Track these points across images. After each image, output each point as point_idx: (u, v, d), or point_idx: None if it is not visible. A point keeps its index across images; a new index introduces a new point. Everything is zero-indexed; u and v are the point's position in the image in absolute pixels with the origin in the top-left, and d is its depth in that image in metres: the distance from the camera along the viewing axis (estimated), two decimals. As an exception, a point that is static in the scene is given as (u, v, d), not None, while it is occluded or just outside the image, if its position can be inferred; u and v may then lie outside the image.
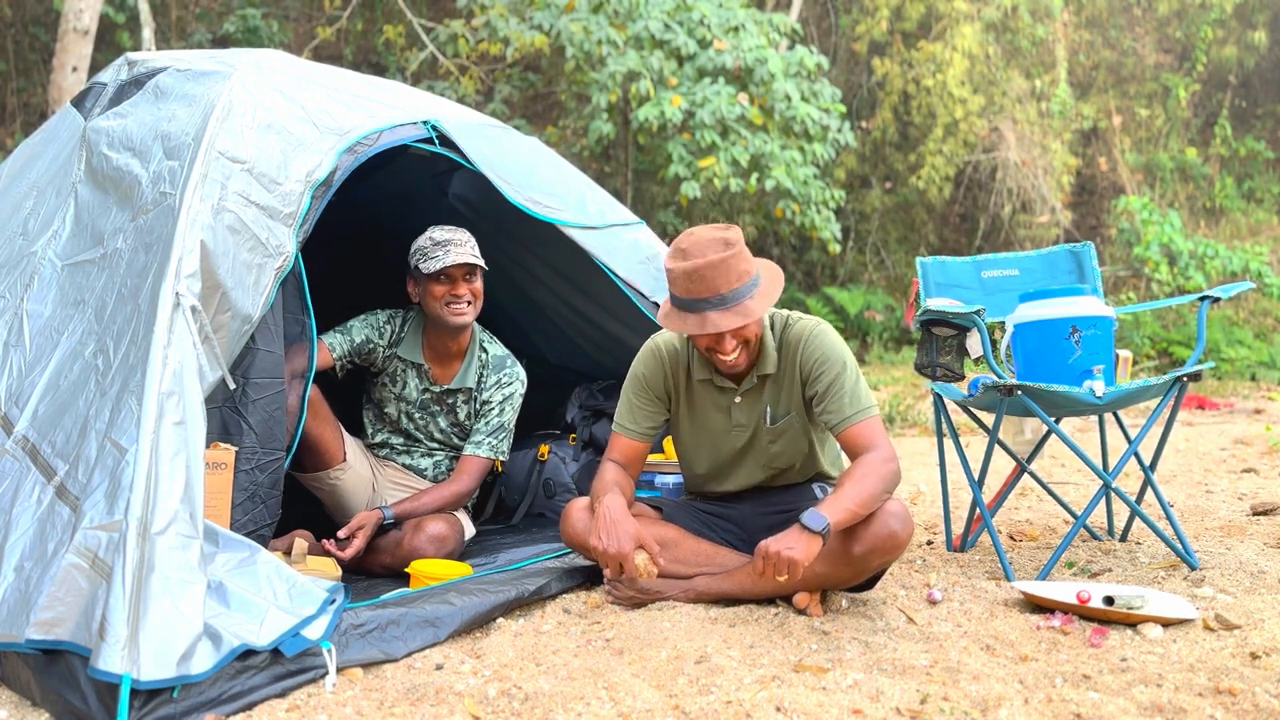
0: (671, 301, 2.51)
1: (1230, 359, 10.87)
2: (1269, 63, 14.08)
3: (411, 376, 3.25)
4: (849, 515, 2.35)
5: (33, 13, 11.22)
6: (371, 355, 3.23)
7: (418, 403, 3.27)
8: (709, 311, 2.42)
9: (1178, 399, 2.99)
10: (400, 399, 3.28)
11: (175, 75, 2.79)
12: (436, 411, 3.29)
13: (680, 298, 2.46)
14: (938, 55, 12.13)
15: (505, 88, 11.29)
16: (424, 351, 3.23)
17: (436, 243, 3.08)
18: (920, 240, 13.52)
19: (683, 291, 2.44)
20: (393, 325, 3.26)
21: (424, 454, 3.34)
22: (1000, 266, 3.56)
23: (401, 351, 3.23)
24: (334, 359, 3.14)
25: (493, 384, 3.24)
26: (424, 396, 3.27)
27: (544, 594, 2.65)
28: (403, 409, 3.30)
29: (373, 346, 3.22)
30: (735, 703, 1.93)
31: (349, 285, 3.74)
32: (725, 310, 2.42)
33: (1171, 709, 1.92)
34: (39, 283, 2.55)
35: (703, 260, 2.40)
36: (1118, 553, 3.20)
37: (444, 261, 3.04)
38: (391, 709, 1.93)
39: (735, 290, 2.42)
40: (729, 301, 2.42)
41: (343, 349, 3.16)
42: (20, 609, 2.00)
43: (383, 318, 3.26)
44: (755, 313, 2.43)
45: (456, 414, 3.28)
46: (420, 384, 3.25)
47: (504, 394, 3.24)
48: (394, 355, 3.25)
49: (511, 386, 3.25)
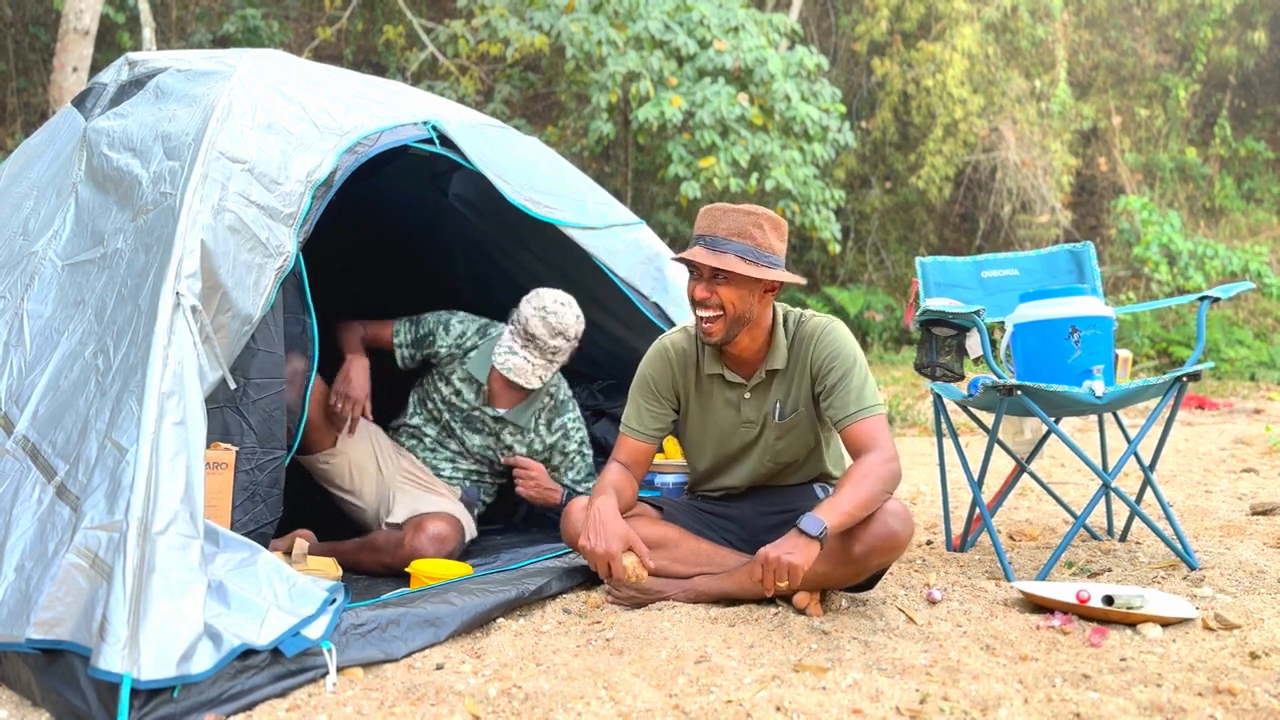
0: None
1: (1230, 359, 10.87)
2: (1269, 63, 14.09)
3: (468, 390, 3.27)
4: (846, 518, 2.35)
5: (33, 13, 11.22)
6: (431, 348, 3.27)
7: (464, 415, 3.29)
8: (698, 246, 2.56)
9: (1177, 399, 2.99)
10: (448, 403, 3.30)
11: (176, 75, 2.79)
12: (480, 429, 3.31)
13: (694, 234, 2.61)
14: (937, 55, 12.13)
15: (505, 88, 11.29)
16: (494, 372, 3.25)
17: (521, 332, 3.13)
18: (920, 240, 13.52)
19: (695, 227, 2.60)
20: (468, 328, 3.28)
21: (447, 458, 3.35)
22: (1000, 266, 3.56)
23: (470, 361, 3.26)
24: (394, 344, 3.22)
25: (558, 429, 3.30)
26: (473, 413, 3.29)
27: (544, 594, 2.65)
28: (446, 408, 3.31)
29: (434, 340, 3.26)
30: (735, 702, 1.93)
31: (348, 286, 3.75)
32: (709, 250, 2.52)
33: (1171, 709, 1.92)
34: (39, 283, 2.55)
35: (725, 206, 2.55)
36: (1117, 553, 3.21)
37: (503, 366, 3.11)
38: (392, 709, 1.93)
39: (729, 240, 2.51)
40: (718, 245, 2.52)
41: (406, 337, 3.24)
42: (20, 609, 2.00)
43: (460, 318, 3.29)
44: (735, 267, 2.48)
45: (500, 439, 3.30)
46: (475, 400, 3.27)
47: (576, 443, 3.33)
48: (460, 361, 3.27)
49: (579, 433, 3.34)
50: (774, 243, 2.54)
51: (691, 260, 2.53)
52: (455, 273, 4.09)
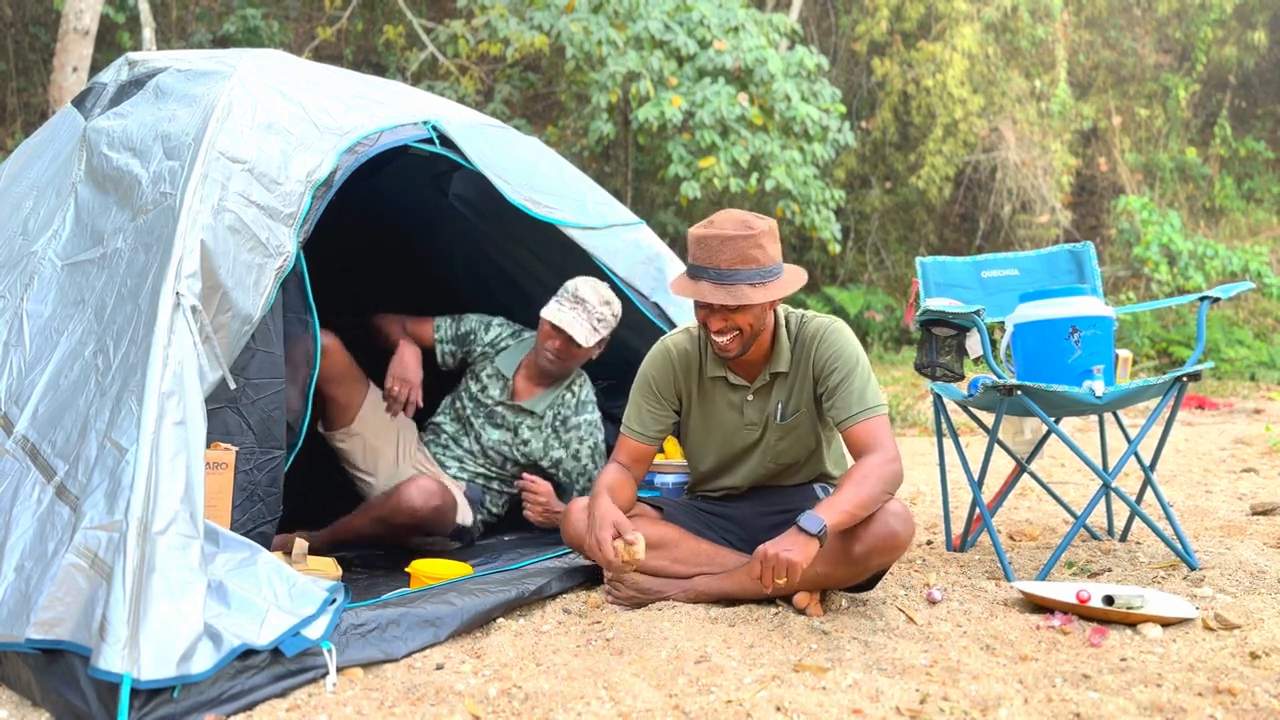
0: (686, 268, 2.57)
1: (1230, 359, 10.87)
2: (1269, 63, 14.08)
3: (494, 385, 3.35)
4: (847, 517, 2.35)
5: (33, 13, 11.21)
6: (471, 346, 3.36)
7: (486, 411, 3.35)
8: (705, 282, 2.48)
9: (1177, 399, 2.99)
10: (474, 399, 3.37)
11: (175, 75, 2.79)
12: (500, 424, 3.35)
13: (689, 263, 2.54)
14: (937, 55, 12.12)
15: (505, 88, 11.28)
16: (520, 369, 3.33)
17: (571, 295, 3.19)
18: (920, 240, 13.51)
19: (691, 256, 2.53)
20: (504, 331, 3.39)
21: (455, 457, 3.39)
22: (1000, 266, 3.56)
23: (500, 359, 3.35)
24: (435, 338, 3.31)
25: (574, 427, 3.32)
26: (496, 408, 3.34)
27: (544, 594, 2.65)
28: (471, 403, 3.37)
29: (475, 339, 3.36)
30: (735, 702, 1.93)
31: (348, 286, 3.74)
32: (718, 285, 2.46)
33: (1171, 709, 1.92)
34: (39, 282, 2.55)
35: (717, 232, 2.46)
36: (1117, 553, 3.21)
37: (556, 317, 3.15)
38: (392, 709, 1.93)
39: (735, 270, 2.45)
40: (725, 278, 2.46)
41: (448, 333, 3.34)
42: (20, 609, 2.00)
43: (498, 321, 3.40)
44: (749, 298, 2.45)
45: (518, 434, 3.34)
46: (499, 395, 3.34)
47: (589, 446, 3.33)
48: (491, 358, 3.36)
49: (594, 437, 3.33)
50: (774, 253, 2.51)
51: (705, 301, 2.48)
52: (455, 273, 4.09)
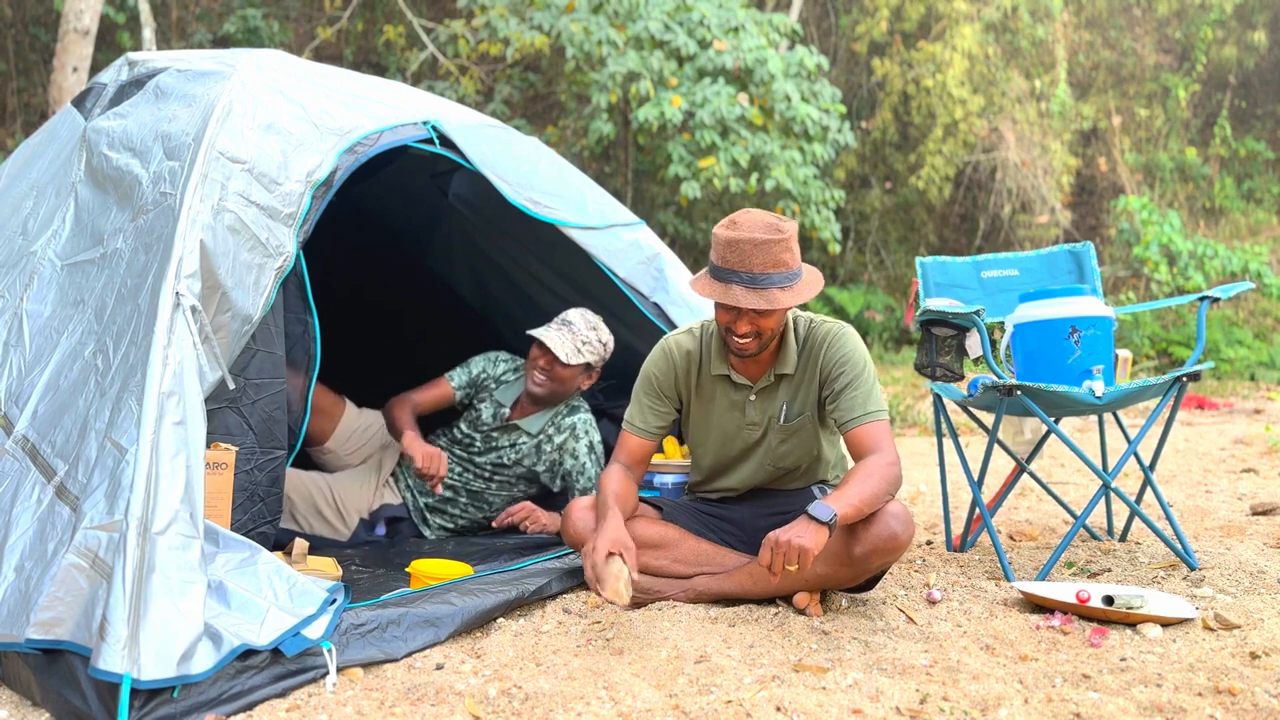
0: (709, 268, 2.56)
1: (1230, 359, 10.87)
2: (1269, 63, 14.09)
3: (487, 411, 3.40)
4: (854, 510, 2.36)
5: (33, 13, 11.21)
6: (484, 383, 3.43)
7: (484, 432, 3.38)
8: (736, 286, 2.47)
9: (1177, 399, 2.99)
10: (470, 421, 3.41)
11: (175, 75, 2.79)
12: (493, 446, 3.38)
13: (716, 265, 2.52)
14: (937, 55, 12.12)
15: (505, 88, 11.28)
16: (517, 402, 3.39)
17: (560, 319, 3.26)
18: (920, 240, 13.51)
19: (719, 259, 2.51)
20: (509, 367, 3.46)
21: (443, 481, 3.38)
22: (1000, 267, 3.56)
23: (499, 392, 3.41)
24: (454, 391, 3.40)
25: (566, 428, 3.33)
26: (493, 431, 3.38)
27: (544, 594, 2.65)
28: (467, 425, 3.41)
29: (486, 377, 3.43)
30: (735, 703, 1.93)
31: (348, 286, 3.75)
32: (751, 289, 2.46)
33: (1171, 709, 1.93)
34: (39, 282, 2.55)
35: (747, 236, 2.46)
36: (1117, 553, 3.21)
37: (540, 334, 3.21)
38: (392, 709, 1.93)
39: (767, 275, 2.46)
40: (758, 282, 2.46)
41: (461, 380, 3.41)
42: (20, 609, 2.01)
43: (506, 357, 3.48)
44: (780, 303, 2.46)
45: (508, 454, 3.36)
46: (492, 421, 3.38)
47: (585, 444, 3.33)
48: (492, 391, 3.42)
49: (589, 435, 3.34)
50: (799, 254, 2.54)
51: (737, 306, 2.48)
52: (455, 273, 4.09)
